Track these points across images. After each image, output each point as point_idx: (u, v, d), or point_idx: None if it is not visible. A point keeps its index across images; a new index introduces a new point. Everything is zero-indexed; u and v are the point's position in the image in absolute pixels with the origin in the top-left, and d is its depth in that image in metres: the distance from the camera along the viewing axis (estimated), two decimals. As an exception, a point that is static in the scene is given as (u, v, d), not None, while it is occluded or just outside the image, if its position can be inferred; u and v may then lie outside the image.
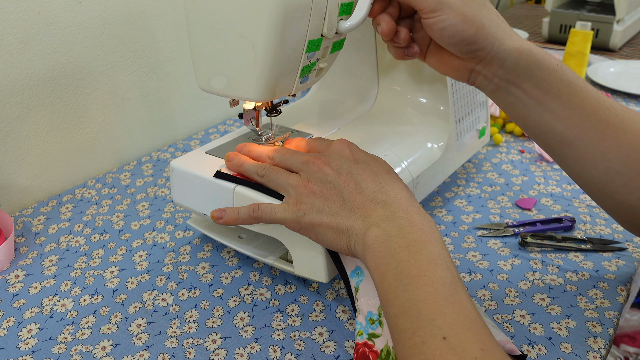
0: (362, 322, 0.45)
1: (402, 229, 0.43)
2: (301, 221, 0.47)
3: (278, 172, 0.50)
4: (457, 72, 0.50)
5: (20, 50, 0.66)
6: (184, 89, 0.90)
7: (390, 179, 0.47)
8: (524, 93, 0.48)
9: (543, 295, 0.55)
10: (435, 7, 0.46)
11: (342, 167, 0.48)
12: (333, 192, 0.47)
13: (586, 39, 1.03)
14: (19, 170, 0.71)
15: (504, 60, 0.47)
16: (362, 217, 0.45)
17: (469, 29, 0.46)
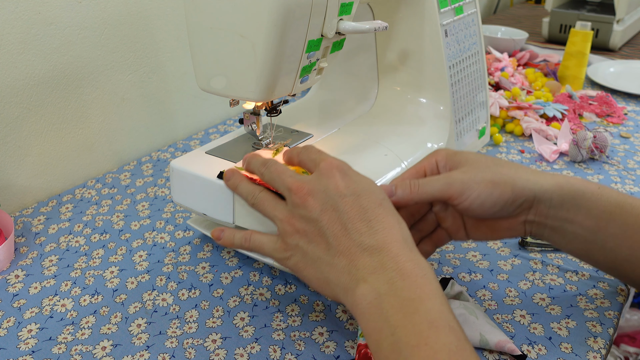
0: None
1: (393, 284, 0.38)
2: (287, 264, 0.45)
3: (265, 201, 0.47)
4: (511, 231, 0.49)
5: (20, 50, 0.66)
6: (184, 89, 0.90)
7: (381, 214, 0.42)
8: (579, 226, 0.47)
9: (543, 295, 0.55)
10: (462, 188, 0.46)
11: (327, 202, 0.42)
12: (316, 234, 0.42)
13: (586, 39, 1.03)
14: (19, 170, 0.71)
15: (550, 199, 0.47)
16: (348, 268, 0.40)
17: (505, 191, 0.46)
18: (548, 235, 0.49)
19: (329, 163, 0.44)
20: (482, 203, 0.46)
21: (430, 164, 0.51)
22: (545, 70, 1.14)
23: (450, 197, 0.47)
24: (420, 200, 0.48)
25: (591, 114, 0.96)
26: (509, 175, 0.47)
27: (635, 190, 0.74)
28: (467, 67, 0.71)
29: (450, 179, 0.47)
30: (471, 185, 0.46)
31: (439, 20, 0.65)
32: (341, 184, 0.43)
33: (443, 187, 0.47)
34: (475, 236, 0.51)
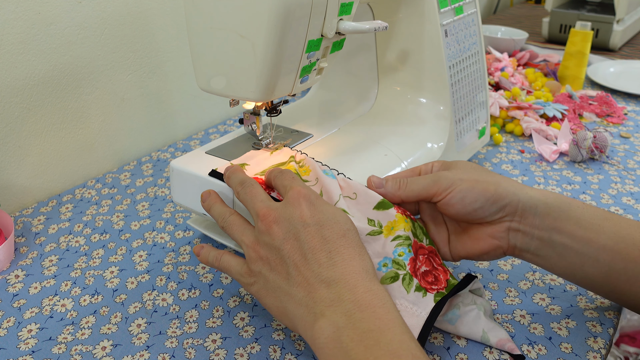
0: None
1: (351, 316, 0.37)
2: (250, 290, 0.45)
3: (234, 225, 0.47)
4: (495, 239, 0.48)
5: (20, 50, 0.66)
6: (184, 89, 0.90)
7: (342, 245, 0.41)
8: (569, 237, 0.46)
9: (543, 295, 0.55)
10: (448, 185, 0.47)
11: (290, 230, 0.42)
12: (278, 262, 0.42)
13: (586, 38, 1.03)
14: (19, 170, 0.71)
15: (536, 207, 0.47)
16: (306, 300, 0.40)
17: (488, 188, 0.47)
18: (536, 248, 0.48)
19: (297, 191, 0.44)
20: (463, 197, 0.47)
21: (426, 167, 0.52)
22: (545, 70, 1.14)
23: (434, 194, 0.48)
24: (407, 198, 0.49)
25: (591, 114, 0.96)
26: (494, 178, 0.48)
27: (635, 190, 0.74)
28: (467, 67, 0.71)
29: (436, 176, 0.48)
30: (455, 181, 0.47)
31: (439, 20, 0.65)
32: (306, 213, 0.43)
33: (429, 184, 0.48)
34: (456, 250, 0.51)
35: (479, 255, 0.50)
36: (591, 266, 0.46)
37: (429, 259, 0.49)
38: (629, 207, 0.70)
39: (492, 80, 1.04)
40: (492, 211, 0.47)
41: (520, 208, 0.47)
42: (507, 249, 0.49)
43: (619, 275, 0.46)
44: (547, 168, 0.80)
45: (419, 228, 0.50)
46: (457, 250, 0.51)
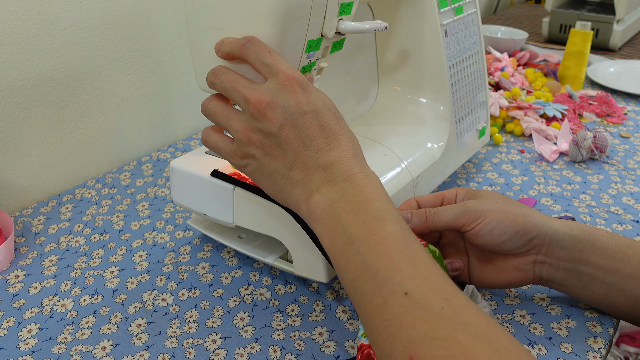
0: None
1: (344, 191, 0.40)
2: (244, 171, 0.46)
3: (217, 112, 0.46)
4: (520, 272, 0.49)
5: (20, 50, 0.66)
6: (184, 89, 0.90)
7: (337, 132, 0.43)
8: (594, 268, 0.47)
9: (543, 295, 0.55)
10: (477, 216, 0.48)
11: (287, 118, 0.42)
12: (274, 147, 0.43)
13: (586, 38, 1.03)
14: (19, 170, 0.71)
15: (562, 240, 0.47)
16: (302, 181, 0.42)
17: (517, 220, 0.47)
18: (562, 279, 0.49)
19: (289, 76, 0.43)
20: (492, 229, 0.47)
21: (450, 194, 0.53)
22: (545, 70, 1.14)
23: (463, 225, 0.48)
24: (435, 228, 0.49)
25: (591, 114, 0.96)
26: (522, 210, 0.49)
27: (635, 190, 0.74)
28: (467, 67, 0.71)
29: (465, 206, 0.49)
30: (485, 212, 0.48)
31: (439, 20, 0.65)
32: (302, 99, 0.42)
33: (458, 214, 0.48)
34: (479, 278, 0.52)
35: (503, 285, 0.51)
36: (617, 295, 0.47)
37: None
38: (629, 207, 0.70)
39: (492, 80, 1.04)
40: (520, 244, 0.48)
41: (547, 241, 0.48)
42: (533, 280, 0.50)
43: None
44: (547, 168, 0.80)
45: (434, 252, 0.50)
46: (479, 279, 0.52)
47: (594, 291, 0.48)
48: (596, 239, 0.48)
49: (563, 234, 0.48)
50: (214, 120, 0.46)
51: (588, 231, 0.48)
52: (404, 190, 0.61)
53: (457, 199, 0.52)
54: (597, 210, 0.69)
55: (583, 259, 0.47)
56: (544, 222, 0.48)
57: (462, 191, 0.52)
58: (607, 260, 0.47)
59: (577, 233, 0.48)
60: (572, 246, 0.47)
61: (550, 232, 0.48)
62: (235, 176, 0.54)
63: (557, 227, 0.48)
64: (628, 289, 0.47)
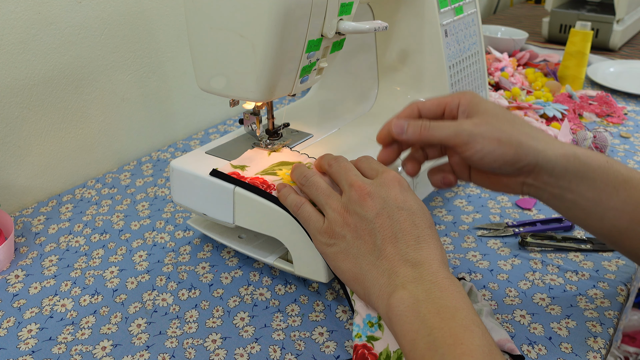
0: (359, 324, 0.45)
1: (430, 293, 0.40)
2: (326, 250, 0.47)
3: (319, 188, 0.49)
4: (508, 187, 0.50)
5: (20, 50, 0.66)
6: (184, 89, 0.90)
7: (429, 235, 0.44)
8: (579, 196, 0.47)
9: (543, 295, 0.55)
10: (468, 140, 0.47)
11: (384, 208, 0.45)
12: (366, 232, 0.45)
13: (586, 38, 1.03)
14: (19, 170, 0.71)
15: (552, 169, 0.47)
16: (388, 273, 0.42)
17: (508, 151, 0.47)
18: (546, 200, 0.50)
19: (392, 175, 0.47)
20: (483, 157, 0.47)
21: (452, 102, 0.51)
22: (545, 70, 1.14)
23: (455, 145, 0.48)
24: (428, 142, 0.50)
25: (591, 114, 0.96)
26: (517, 136, 0.47)
27: (635, 190, 0.74)
28: (467, 67, 0.71)
29: (459, 128, 0.48)
30: (477, 138, 0.47)
31: (439, 20, 0.65)
32: (400, 197, 0.46)
33: (450, 134, 0.48)
34: (476, 181, 0.53)
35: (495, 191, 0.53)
36: (595, 221, 0.48)
37: None
38: (629, 207, 0.70)
39: (492, 80, 1.04)
40: (509, 171, 0.48)
41: (537, 169, 0.48)
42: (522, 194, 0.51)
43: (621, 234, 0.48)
44: (547, 168, 0.80)
45: None
46: (475, 181, 0.53)
47: (574, 214, 0.49)
48: (589, 170, 0.47)
49: (555, 164, 0.47)
50: (314, 194, 0.49)
51: (584, 161, 0.47)
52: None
53: (459, 111, 0.50)
54: (597, 210, 0.69)
55: (570, 187, 0.48)
56: (538, 151, 0.47)
57: (465, 101, 0.50)
58: (594, 191, 0.47)
59: (571, 163, 0.47)
60: (562, 175, 0.47)
61: (543, 162, 0.47)
62: (235, 176, 0.54)
63: (550, 156, 0.47)
64: (607, 218, 0.47)
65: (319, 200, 0.48)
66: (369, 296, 0.44)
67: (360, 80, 0.73)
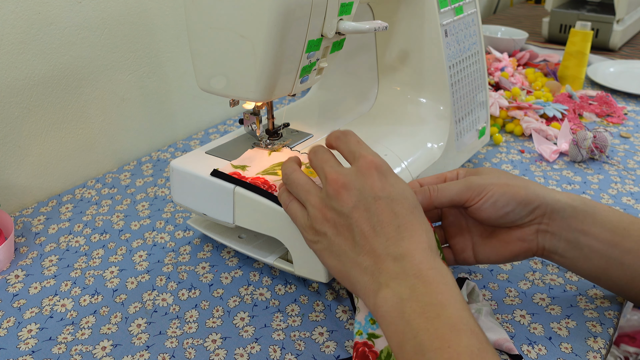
0: (361, 322, 0.45)
1: (414, 289, 0.38)
2: (312, 247, 0.46)
3: (298, 185, 0.47)
4: (524, 242, 0.50)
5: (20, 50, 0.66)
6: (184, 89, 0.90)
7: (411, 222, 0.42)
8: (595, 239, 0.47)
9: (543, 295, 0.55)
10: (480, 190, 0.48)
11: (360, 200, 0.42)
12: (345, 228, 0.43)
13: (586, 38, 1.03)
14: (19, 170, 0.71)
15: (563, 210, 0.48)
16: (371, 270, 0.41)
17: (519, 192, 0.48)
18: (563, 250, 0.49)
19: (369, 161, 0.44)
20: (496, 201, 0.48)
21: (451, 174, 0.53)
22: (545, 70, 1.14)
23: (467, 200, 0.48)
24: (440, 204, 0.49)
25: (591, 114, 0.96)
26: (524, 182, 0.49)
27: (635, 190, 0.74)
28: (467, 67, 0.71)
29: (468, 182, 0.49)
30: (487, 187, 0.48)
31: (439, 20, 0.65)
32: (377, 184, 0.43)
33: (461, 189, 0.48)
34: (484, 254, 0.52)
35: (509, 258, 0.51)
36: (617, 269, 0.48)
37: None
38: (629, 207, 0.70)
39: (492, 80, 1.04)
40: (523, 214, 0.48)
41: (549, 210, 0.48)
42: (537, 251, 0.50)
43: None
44: (547, 168, 0.80)
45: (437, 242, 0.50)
46: (485, 254, 0.52)
47: (594, 264, 0.48)
48: (597, 211, 0.48)
49: (564, 204, 0.48)
50: (294, 191, 0.48)
51: (589, 204, 0.48)
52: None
53: (459, 178, 0.52)
54: (597, 210, 0.69)
55: (584, 229, 0.48)
56: (546, 193, 0.48)
57: (462, 171, 0.53)
58: (608, 233, 0.47)
59: (578, 204, 0.48)
60: (573, 216, 0.48)
61: (552, 202, 0.48)
62: (236, 176, 0.54)
63: (559, 198, 0.48)
64: (627, 263, 0.47)
65: (300, 197, 0.47)
66: (357, 294, 0.43)
67: (360, 80, 0.73)
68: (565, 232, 0.48)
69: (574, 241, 0.48)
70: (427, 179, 0.53)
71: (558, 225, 0.48)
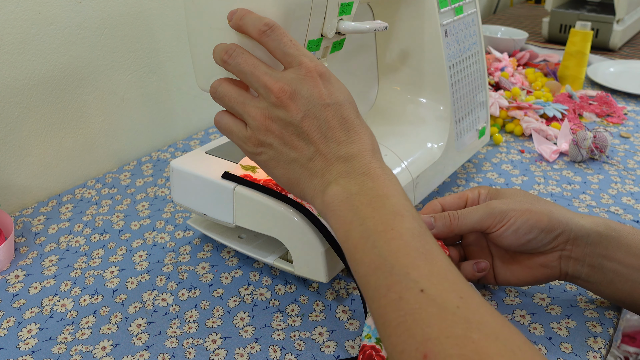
0: (370, 326, 0.45)
1: (363, 185, 0.40)
2: (256, 159, 0.45)
3: (231, 97, 0.44)
4: (547, 268, 0.49)
5: (20, 50, 0.66)
6: (184, 89, 0.90)
7: (358, 125, 0.43)
8: (619, 264, 0.47)
9: (543, 295, 0.55)
10: (502, 218, 0.48)
11: (310, 109, 0.42)
12: (294, 137, 0.42)
13: (586, 38, 1.03)
14: (19, 170, 0.71)
15: (587, 235, 0.47)
16: (321, 172, 0.42)
17: (542, 218, 0.47)
18: (587, 275, 0.49)
19: (313, 66, 0.42)
20: (517, 229, 0.47)
21: (472, 194, 0.52)
22: (545, 70, 1.14)
23: (488, 227, 0.48)
24: (460, 231, 0.49)
25: (591, 114, 0.96)
26: (546, 207, 0.49)
27: (635, 190, 0.74)
28: (467, 67, 0.71)
29: (489, 208, 0.49)
30: (509, 213, 0.48)
31: (439, 20, 0.65)
32: (324, 91, 0.42)
33: (482, 217, 0.48)
34: (504, 277, 0.51)
35: (530, 282, 0.51)
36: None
37: None
38: (629, 207, 0.70)
39: (492, 80, 1.04)
40: (545, 242, 0.48)
41: (572, 237, 0.48)
42: (559, 276, 0.50)
43: None
44: (547, 168, 0.80)
45: None
46: (505, 278, 0.51)
47: (618, 288, 0.48)
48: (622, 235, 0.47)
49: (589, 230, 0.48)
50: (227, 105, 0.45)
51: (614, 227, 0.48)
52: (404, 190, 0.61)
53: (480, 199, 0.52)
54: (597, 210, 0.69)
55: (608, 255, 0.47)
56: (569, 218, 0.48)
57: (484, 191, 0.52)
58: (632, 258, 0.47)
59: (602, 229, 0.48)
60: (598, 242, 0.47)
61: (576, 229, 0.48)
62: (248, 178, 0.54)
63: (583, 223, 0.48)
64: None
65: (236, 111, 0.45)
66: (305, 197, 0.43)
67: (360, 80, 0.73)
68: (589, 258, 0.48)
69: (598, 266, 0.48)
70: (447, 199, 0.53)
71: (582, 251, 0.48)
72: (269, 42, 0.43)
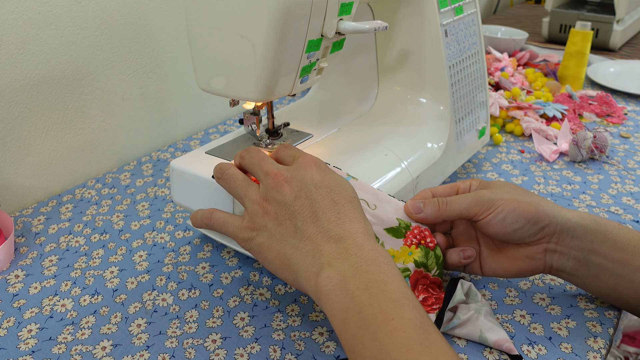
0: None
1: (357, 267, 0.39)
2: (249, 244, 0.46)
3: (237, 180, 0.48)
4: (531, 260, 0.50)
5: (20, 50, 0.66)
6: (184, 89, 0.90)
7: (350, 209, 0.44)
8: (604, 258, 0.47)
9: (543, 295, 0.55)
10: (490, 205, 0.48)
11: (302, 190, 0.44)
12: (287, 217, 0.44)
13: (586, 38, 1.03)
14: (19, 170, 0.71)
15: (573, 229, 0.48)
16: (313, 253, 0.41)
17: (529, 209, 0.48)
18: (572, 268, 0.49)
19: (308, 158, 0.47)
20: (504, 218, 0.48)
21: (464, 184, 0.53)
22: (545, 70, 1.14)
23: (476, 214, 0.49)
24: (448, 217, 0.50)
25: (591, 114, 0.96)
26: (534, 199, 0.49)
27: (635, 190, 0.74)
28: (467, 67, 0.71)
29: (477, 196, 0.49)
30: (497, 202, 0.48)
31: (439, 20, 0.65)
32: (317, 176, 0.45)
33: (470, 203, 0.49)
34: (490, 267, 0.52)
35: (515, 274, 0.51)
36: (626, 286, 0.47)
37: (428, 289, 0.50)
38: (629, 207, 0.70)
39: (492, 80, 1.04)
40: (532, 232, 0.48)
41: (558, 230, 0.48)
42: (544, 269, 0.50)
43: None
44: (547, 168, 0.80)
45: (433, 257, 0.50)
46: (491, 268, 0.52)
47: (603, 282, 0.48)
48: (607, 230, 0.48)
49: (574, 223, 0.48)
50: (231, 187, 0.48)
51: (600, 222, 0.48)
52: (404, 190, 0.61)
53: (471, 189, 0.52)
54: (597, 210, 0.69)
55: (594, 249, 0.47)
56: (556, 211, 0.48)
57: (475, 182, 0.53)
58: (617, 252, 0.47)
59: (588, 223, 0.48)
60: (583, 236, 0.48)
61: (562, 221, 0.48)
62: None
63: (569, 217, 0.48)
64: (637, 281, 0.47)
65: (237, 194, 0.48)
66: (298, 280, 0.43)
67: (360, 80, 0.73)
68: (574, 252, 0.48)
69: (583, 260, 0.48)
70: (439, 188, 0.53)
71: (567, 244, 0.48)
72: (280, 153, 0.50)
